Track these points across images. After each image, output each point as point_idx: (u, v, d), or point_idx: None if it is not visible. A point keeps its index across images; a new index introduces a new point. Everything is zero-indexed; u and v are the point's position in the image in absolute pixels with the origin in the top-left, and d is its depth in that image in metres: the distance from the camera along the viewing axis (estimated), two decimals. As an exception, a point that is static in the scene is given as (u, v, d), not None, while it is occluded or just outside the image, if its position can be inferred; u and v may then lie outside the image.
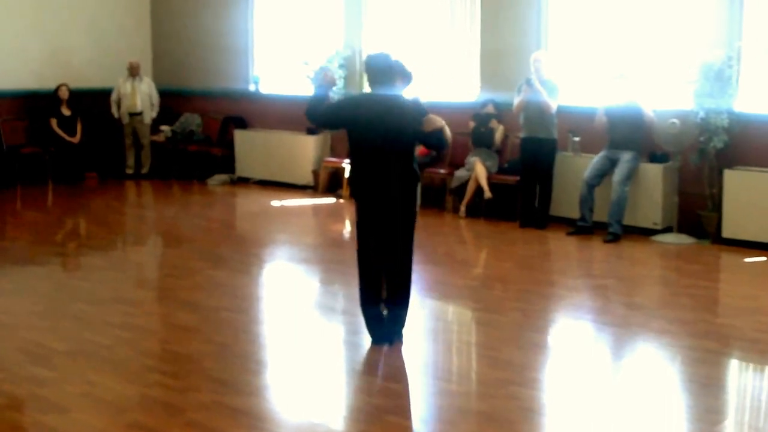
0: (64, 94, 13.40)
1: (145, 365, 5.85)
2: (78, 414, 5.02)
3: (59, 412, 5.02)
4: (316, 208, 12.02)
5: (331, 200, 12.21)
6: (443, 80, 11.88)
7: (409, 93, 6.50)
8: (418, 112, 6.15)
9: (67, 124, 13.44)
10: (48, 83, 13.47)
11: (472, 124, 11.14)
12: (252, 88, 14.04)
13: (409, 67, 6.48)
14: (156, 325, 6.78)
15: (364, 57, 12.27)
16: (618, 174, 9.68)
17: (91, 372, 5.63)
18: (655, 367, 6.09)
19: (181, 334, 6.48)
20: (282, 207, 12.02)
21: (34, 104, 13.53)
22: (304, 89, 12.37)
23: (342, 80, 12.31)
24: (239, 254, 9.33)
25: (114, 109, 14.05)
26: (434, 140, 6.21)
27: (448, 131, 6.28)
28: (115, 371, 5.69)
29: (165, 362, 5.86)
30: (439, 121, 6.15)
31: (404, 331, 6.24)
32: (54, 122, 13.35)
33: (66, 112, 13.45)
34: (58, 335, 6.36)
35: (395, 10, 12.37)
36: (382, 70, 6.15)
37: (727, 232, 9.34)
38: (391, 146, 6.02)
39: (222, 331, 6.56)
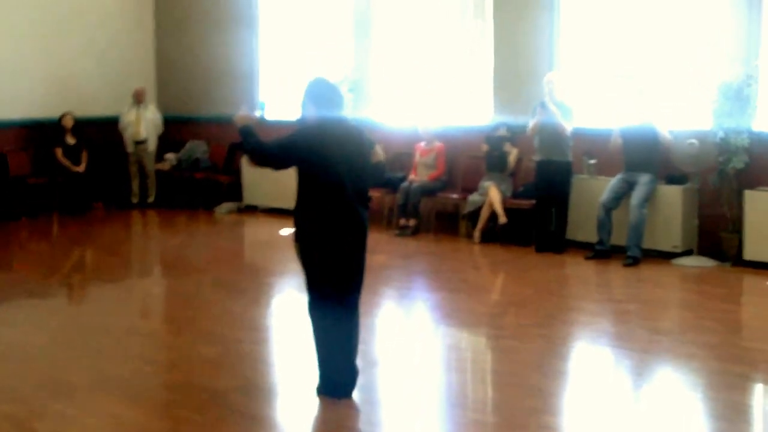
0: (68, 122, 13.24)
1: (171, 400, 5.69)
2: (107, 451, 4.91)
3: (88, 450, 4.90)
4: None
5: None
6: (455, 104, 11.81)
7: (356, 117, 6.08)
8: (368, 141, 5.71)
9: (72, 153, 13.29)
10: (52, 112, 13.33)
11: (485, 148, 11.04)
12: (258, 114, 13.86)
13: None
14: (177, 358, 6.61)
15: (372, 80, 12.35)
16: (636, 197, 9.56)
17: (116, 406, 5.48)
18: (685, 393, 5.96)
19: (204, 367, 6.31)
20: (291, 235, 11.85)
21: (39, 134, 13.38)
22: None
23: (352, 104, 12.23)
24: (253, 284, 9.19)
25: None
26: (378, 173, 5.89)
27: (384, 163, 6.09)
28: (140, 406, 5.55)
29: (190, 397, 5.68)
30: (382, 153, 5.96)
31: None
32: (59, 152, 13.19)
33: (71, 140, 13.29)
34: (77, 369, 6.21)
35: (405, 33, 12.30)
36: (337, 92, 5.62)
37: (748, 254, 9.22)
38: (359, 180, 5.49)
39: (245, 364, 6.42)
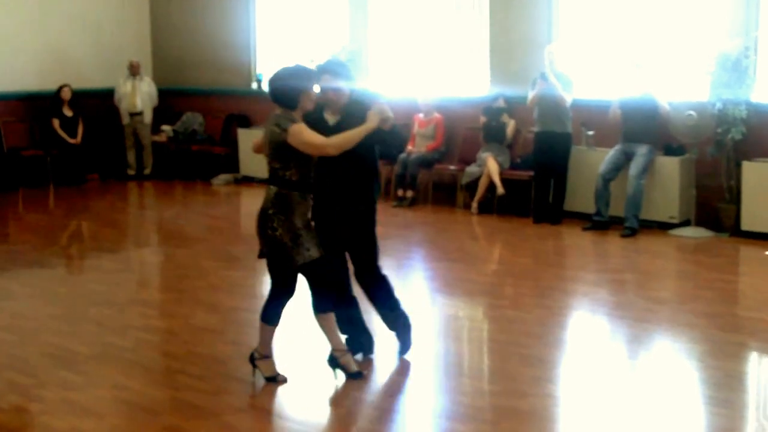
0: (66, 94, 13.20)
1: (172, 368, 5.73)
2: (113, 419, 4.95)
3: (94, 416, 4.93)
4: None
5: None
6: (453, 75, 11.77)
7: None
8: None
9: (69, 125, 13.26)
10: (48, 84, 13.28)
11: (483, 119, 11.02)
12: (255, 85, 13.87)
13: None
14: (177, 327, 6.63)
15: (369, 52, 12.31)
16: (634, 168, 9.56)
17: (119, 376, 5.51)
18: (685, 362, 5.99)
19: (204, 336, 6.36)
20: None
21: (35, 106, 13.35)
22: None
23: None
24: (251, 253, 9.07)
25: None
26: None
27: None
28: (143, 375, 5.59)
29: (192, 365, 5.71)
30: None
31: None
32: (56, 123, 13.16)
33: (68, 112, 13.26)
34: (80, 339, 6.24)
35: (401, 3, 12.23)
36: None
37: (745, 224, 9.24)
38: None
39: (244, 332, 6.41)
